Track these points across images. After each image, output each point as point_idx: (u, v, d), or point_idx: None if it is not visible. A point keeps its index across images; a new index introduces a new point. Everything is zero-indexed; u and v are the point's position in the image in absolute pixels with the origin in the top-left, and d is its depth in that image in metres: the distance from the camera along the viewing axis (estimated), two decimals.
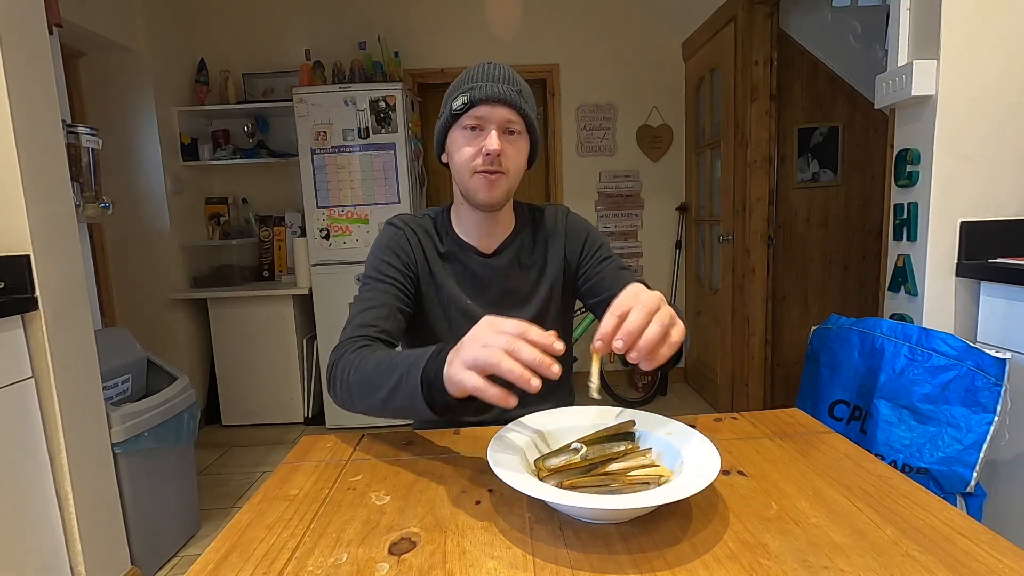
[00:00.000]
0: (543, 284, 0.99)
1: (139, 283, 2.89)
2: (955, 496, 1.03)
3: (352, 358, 0.77)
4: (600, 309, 0.98)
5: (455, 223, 0.99)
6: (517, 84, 0.88)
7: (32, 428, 1.35)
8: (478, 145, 0.87)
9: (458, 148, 0.89)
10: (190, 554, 1.89)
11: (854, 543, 0.50)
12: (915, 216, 1.34)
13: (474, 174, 0.88)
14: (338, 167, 2.81)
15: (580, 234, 1.01)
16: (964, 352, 1.04)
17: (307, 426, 3.03)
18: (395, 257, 0.93)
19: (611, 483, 0.58)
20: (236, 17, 3.22)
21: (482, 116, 0.86)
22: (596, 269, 0.99)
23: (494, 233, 0.98)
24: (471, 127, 0.87)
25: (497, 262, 0.97)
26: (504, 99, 0.85)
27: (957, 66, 1.26)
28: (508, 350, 0.55)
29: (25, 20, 1.38)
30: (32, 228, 1.36)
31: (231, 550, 0.53)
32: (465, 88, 0.87)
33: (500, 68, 0.89)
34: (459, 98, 0.87)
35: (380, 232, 0.99)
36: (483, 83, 0.86)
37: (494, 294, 0.97)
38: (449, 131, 0.91)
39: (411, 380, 0.65)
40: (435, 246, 0.97)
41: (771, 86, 2.50)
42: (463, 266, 0.97)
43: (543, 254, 1.00)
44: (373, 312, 0.87)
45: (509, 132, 0.88)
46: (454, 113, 0.87)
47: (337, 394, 0.79)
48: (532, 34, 3.26)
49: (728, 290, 2.81)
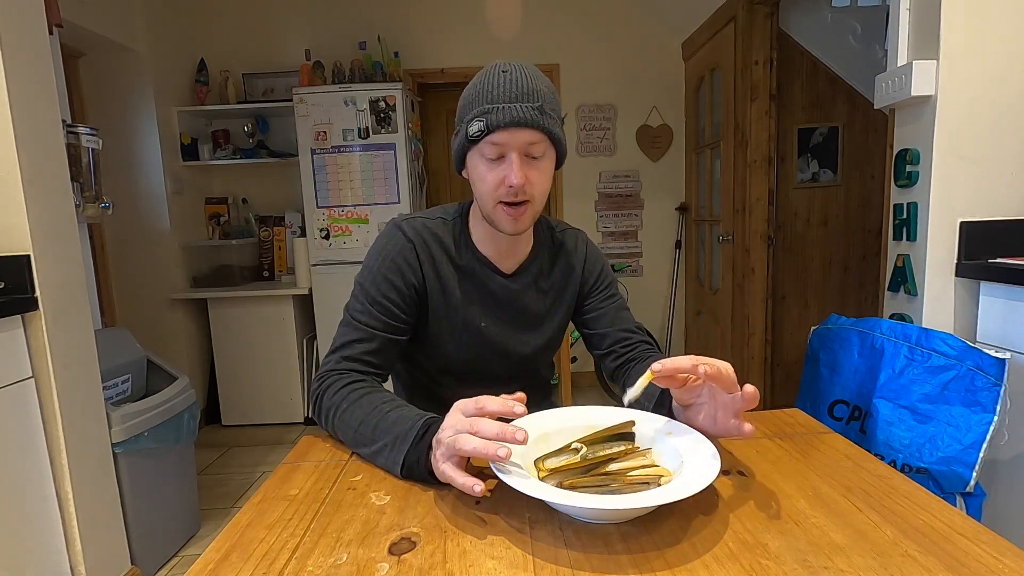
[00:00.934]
0: (558, 310, 0.99)
1: (139, 283, 2.89)
2: (955, 496, 1.03)
3: (337, 399, 0.77)
4: (593, 339, 1.01)
5: (474, 234, 0.92)
6: (538, 97, 0.78)
7: (32, 428, 1.35)
8: (500, 175, 0.80)
9: (479, 176, 0.82)
10: (190, 554, 1.89)
11: (854, 543, 0.50)
12: (915, 216, 1.34)
13: (497, 204, 0.82)
14: (338, 167, 2.81)
15: (595, 266, 1.01)
16: (964, 352, 1.04)
17: (307, 426, 3.03)
18: (399, 276, 0.86)
19: (611, 483, 0.58)
20: (236, 17, 3.22)
21: (501, 143, 0.78)
22: (601, 304, 1.00)
23: (515, 252, 0.93)
24: (491, 157, 0.80)
25: (515, 284, 0.94)
26: (523, 121, 0.76)
27: (957, 66, 1.26)
28: (471, 431, 0.58)
29: (25, 20, 1.38)
30: (32, 228, 1.36)
31: (231, 550, 0.53)
32: (481, 111, 0.78)
33: (519, 80, 0.78)
34: (475, 123, 0.78)
35: (385, 234, 0.90)
36: (500, 104, 0.77)
37: (510, 314, 0.94)
38: (467, 153, 0.83)
39: (393, 457, 0.67)
40: (451, 259, 0.90)
41: (771, 86, 2.50)
42: (480, 284, 0.92)
43: (560, 280, 0.98)
44: (362, 346, 0.83)
45: (532, 156, 0.80)
46: (471, 139, 0.80)
47: (322, 426, 0.80)
48: (532, 34, 3.26)
49: (728, 290, 2.81)
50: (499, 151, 0.79)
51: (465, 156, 0.84)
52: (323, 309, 2.90)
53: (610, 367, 0.98)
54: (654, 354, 0.94)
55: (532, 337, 0.97)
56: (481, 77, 0.81)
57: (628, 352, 0.95)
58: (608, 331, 0.98)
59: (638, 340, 0.97)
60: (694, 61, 3.13)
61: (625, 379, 0.93)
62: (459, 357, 0.93)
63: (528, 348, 0.97)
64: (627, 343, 0.96)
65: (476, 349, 0.93)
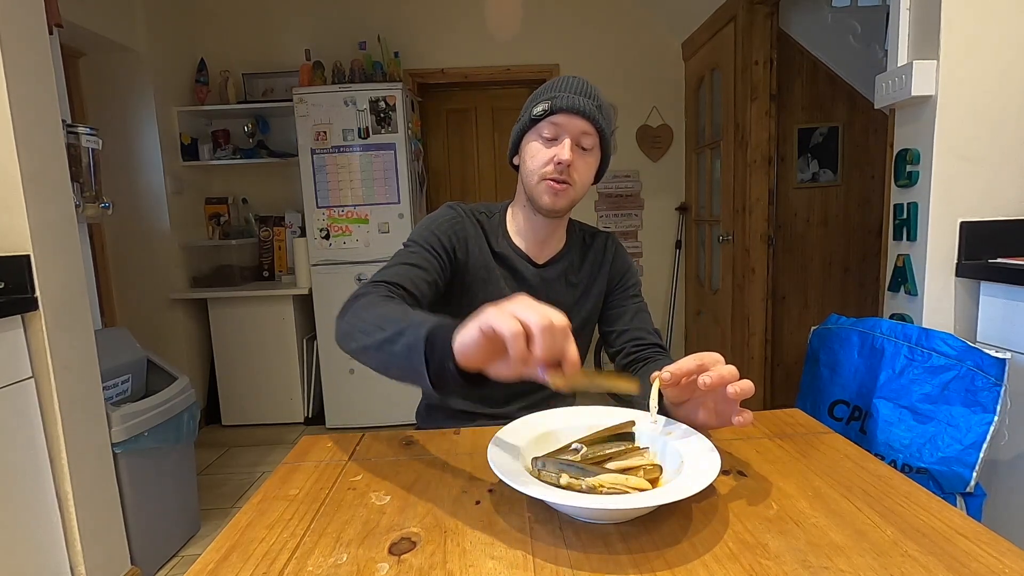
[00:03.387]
0: (585, 305, 1.03)
1: (139, 283, 2.89)
2: (955, 496, 1.03)
3: (374, 298, 0.77)
4: (609, 336, 1.04)
5: (510, 227, 1.01)
6: (598, 100, 0.91)
7: (32, 428, 1.35)
8: (551, 153, 0.89)
9: (532, 154, 0.92)
10: (190, 554, 1.89)
11: (854, 543, 0.50)
12: (915, 216, 1.34)
13: (542, 180, 0.90)
14: (338, 167, 2.81)
15: (622, 267, 1.06)
16: (964, 352, 1.04)
17: (307, 426, 3.03)
18: (448, 237, 0.94)
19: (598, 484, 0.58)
20: (236, 17, 3.22)
21: (559, 124, 0.89)
22: (623, 303, 1.04)
23: (548, 244, 1.01)
24: (547, 136, 0.90)
25: (547, 274, 1.00)
26: (582, 111, 0.87)
27: (957, 66, 1.26)
28: (527, 329, 0.51)
29: (25, 20, 1.38)
30: (32, 228, 1.36)
31: (231, 550, 0.53)
32: (547, 96, 0.90)
33: (584, 83, 0.91)
34: (540, 105, 0.89)
35: (439, 210, 0.99)
36: (565, 94, 0.89)
37: (540, 301, 0.97)
38: (525, 135, 0.94)
39: (417, 332, 0.61)
40: (489, 243, 0.99)
41: (771, 86, 2.50)
42: (515, 270, 0.99)
43: (589, 277, 1.03)
44: (413, 271, 0.88)
45: (583, 147, 0.90)
46: (533, 118, 0.90)
47: (343, 321, 0.75)
48: (532, 34, 3.26)
49: (728, 290, 2.81)
50: (556, 131, 0.89)
51: (522, 140, 0.94)
52: (323, 309, 2.90)
53: (619, 364, 1.01)
54: (662, 357, 0.95)
55: None
56: (553, 78, 0.95)
57: (638, 352, 0.98)
58: (624, 330, 1.01)
59: (650, 343, 0.99)
60: (694, 61, 3.13)
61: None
62: None
63: None
64: (639, 343, 0.99)
65: None
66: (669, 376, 0.63)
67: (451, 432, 0.81)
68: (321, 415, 3.04)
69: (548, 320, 0.52)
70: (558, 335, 0.52)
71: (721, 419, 0.66)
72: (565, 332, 0.53)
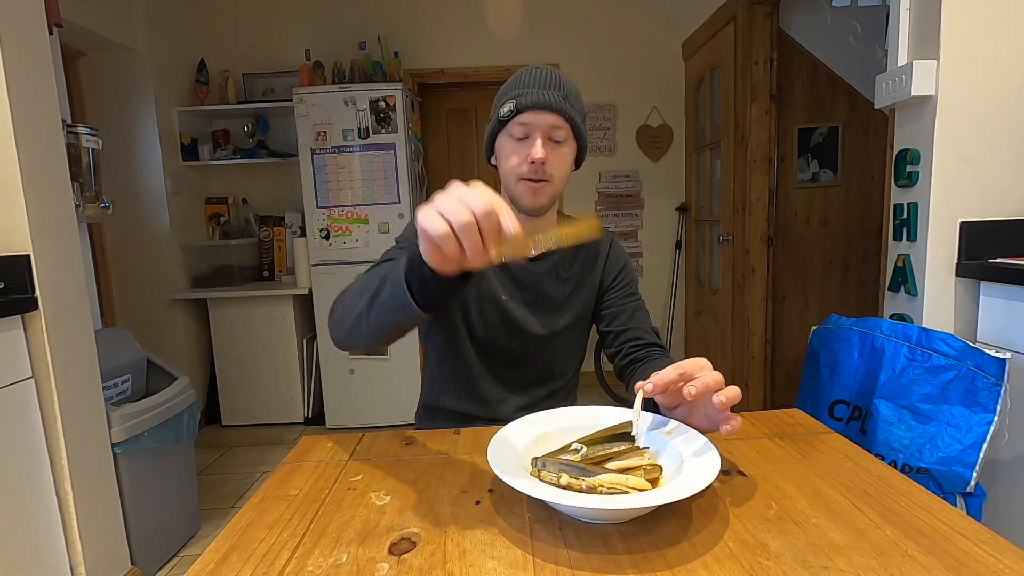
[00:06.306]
0: (577, 299, 1.02)
1: (139, 283, 2.89)
2: (955, 496, 1.03)
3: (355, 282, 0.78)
4: (607, 336, 1.03)
5: None
6: (564, 90, 0.89)
7: (32, 428, 1.35)
8: (524, 153, 0.88)
9: (506, 155, 0.91)
10: (190, 554, 1.89)
11: (854, 543, 0.50)
12: (915, 216, 1.34)
13: (519, 181, 0.90)
14: (338, 167, 2.81)
15: (617, 264, 1.05)
16: (964, 352, 1.04)
17: (307, 426, 3.03)
18: None
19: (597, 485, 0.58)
20: (236, 17, 3.22)
21: (527, 123, 0.88)
22: (620, 302, 1.03)
23: None
24: (518, 136, 0.89)
25: (537, 267, 0.99)
26: (549, 106, 0.86)
27: (957, 66, 1.26)
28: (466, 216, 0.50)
29: (25, 20, 1.38)
30: (32, 228, 1.36)
31: (231, 550, 0.53)
32: (512, 95, 0.89)
33: (547, 74, 0.90)
34: (506, 105, 0.89)
35: None
36: (529, 89, 0.88)
37: (529, 296, 0.99)
38: (497, 136, 0.93)
39: (397, 272, 0.63)
40: None
41: (771, 86, 2.50)
42: (503, 265, 0.98)
43: (582, 271, 1.03)
44: (391, 257, 0.89)
45: (555, 140, 0.89)
46: (501, 120, 0.90)
47: (332, 317, 0.78)
48: (532, 34, 3.26)
49: (728, 290, 2.81)
50: (525, 131, 0.88)
51: (495, 141, 0.94)
52: (323, 309, 2.89)
53: (618, 365, 1.00)
54: (660, 356, 0.95)
55: (549, 320, 1.00)
56: (515, 73, 0.94)
57: (636, 352, 0.98)
58: (622, 329, 1.01)
59: (649, 342, 0.99)
60: (694, 61, 3.13)
61: (630, 379, 0.96)
62: (480, 327, 0.97)
63: (544, 330, 0.99)
64: (638, 343, 0.99)
65: (495, 322, 0.97)
66: (652, 387, 0.62)
67: (451, 432, 0.81)
68: (321, 415, 3.04)
69: (467, 214, 0.50)
70: (485, 221, 0.51)
71: (713, 424, 0.65)
72: (491, 214, 0.51)
